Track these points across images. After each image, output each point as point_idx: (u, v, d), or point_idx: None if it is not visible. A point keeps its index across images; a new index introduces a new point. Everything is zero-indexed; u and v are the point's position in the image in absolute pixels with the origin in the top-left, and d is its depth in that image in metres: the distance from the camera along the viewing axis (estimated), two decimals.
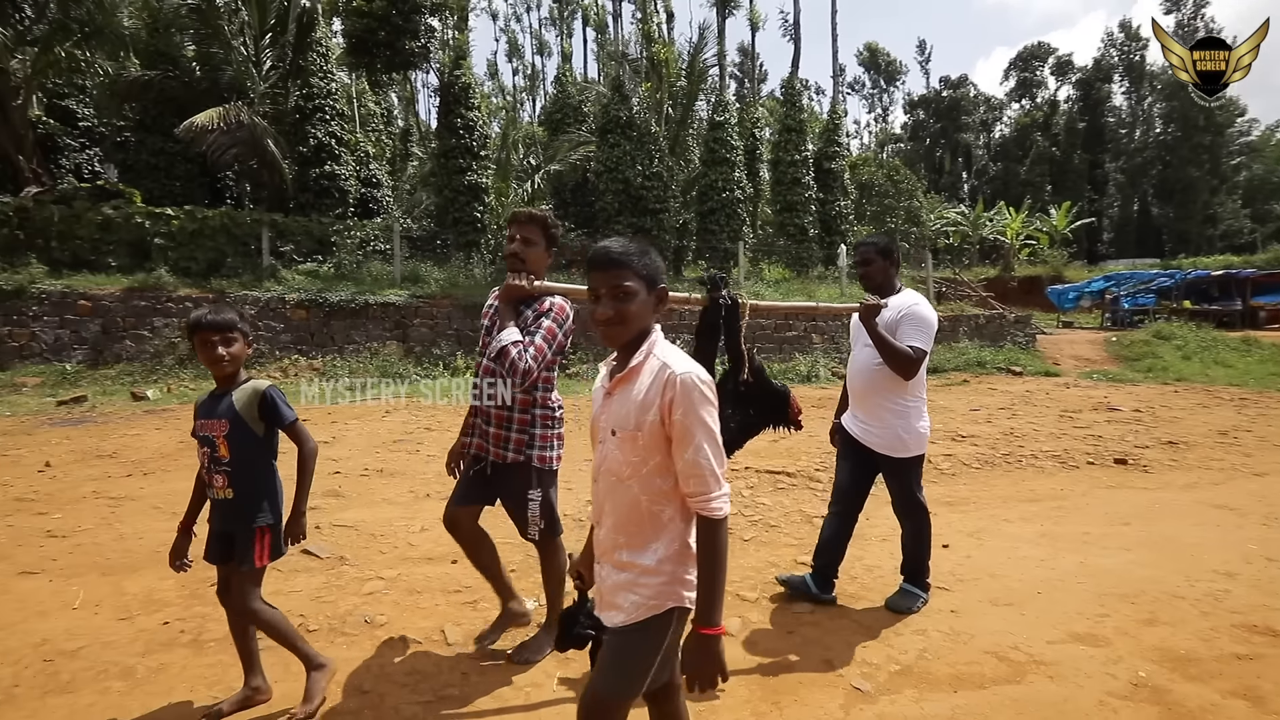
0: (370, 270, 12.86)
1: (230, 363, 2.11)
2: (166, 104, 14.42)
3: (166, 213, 12.21)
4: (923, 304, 2.79)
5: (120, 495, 4.39)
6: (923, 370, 2.79)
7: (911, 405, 2.80)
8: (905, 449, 2.80)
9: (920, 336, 2.69)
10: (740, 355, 2.41)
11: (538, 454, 2.41)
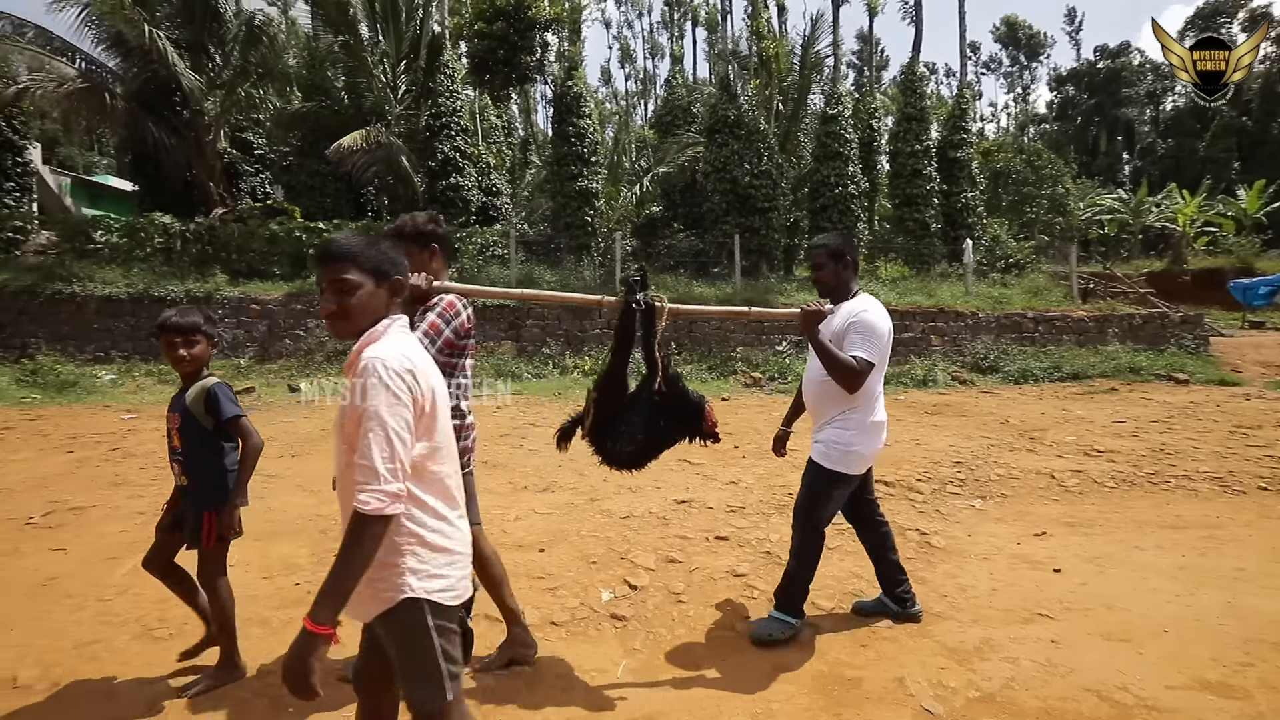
0: (489, 274, 13.75)
1: (190, 362, 2.30)
2: (321, 130, 16.29)
3: (319, 226, 13.80)
4: (873, 310, 2.56)
5: (271, 473, 5.09)
6: (874, 385, 2.56)
7: (858, 419, 2.57)
8: (826, 458, 2.58)
9: (866, 346, 2.45)
10: (654, 362, 2.30)
11: None
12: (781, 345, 11.76)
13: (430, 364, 1.47)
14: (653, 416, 2.34)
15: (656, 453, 2.45)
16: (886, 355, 2.59)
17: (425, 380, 1.41)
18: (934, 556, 3.53)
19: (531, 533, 3.90)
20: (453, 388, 2.29)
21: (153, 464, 5.41)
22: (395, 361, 1.33)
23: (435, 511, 1.42)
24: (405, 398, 1.32)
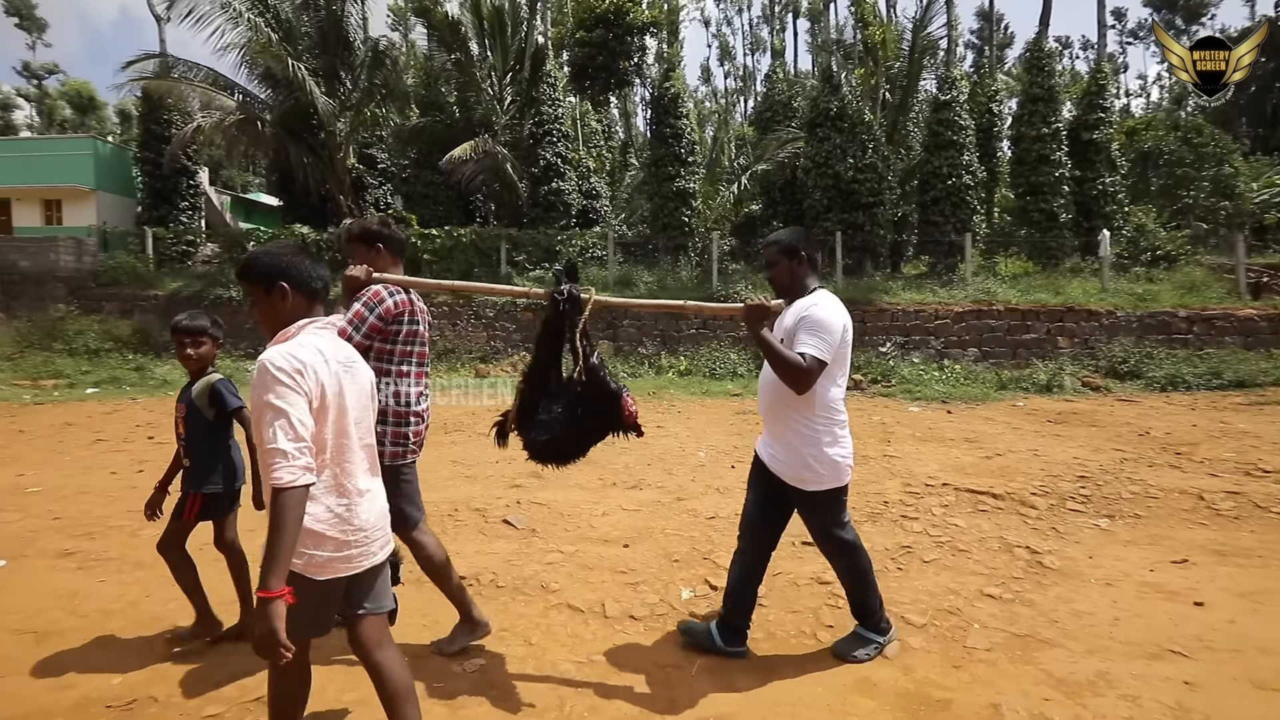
0: (588, 275, 14.13)
1: (196, 360, 2.58)
2: (435, 143, 17.46)
3: (432, 233, 14.82)
4: (824, 304, 2.32)
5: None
6: (830, 388, 2.35)
7: (821, 426, 2.35)
8: (817, 480, 2.36)
9: (814, 342, 2.22)
10: (575, 351, 2.29)
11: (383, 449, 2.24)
12: (886, 346, 11.19)
13: (325, 367, 1.60)
14: (573, 407, 2.34)
15: (580, 445, 2.43)
16: (846, 355, 2.39)
17: (314, 378, 1.56)
18: (1045, 577, 3.23)
19: (617, 528, 3.98)
20: (391, 377, 2.42)
21: None
22: (281, 360, 1.53)
23: (312, 497, 1.56)
24: (298, 390, 1.52)
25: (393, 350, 2.43)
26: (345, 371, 1.69)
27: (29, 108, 41.22)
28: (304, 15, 16.86)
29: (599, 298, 2.38)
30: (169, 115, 18.24)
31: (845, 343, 2.34)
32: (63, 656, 2.54)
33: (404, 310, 2.42)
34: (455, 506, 4.28)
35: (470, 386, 10.45)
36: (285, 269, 1.67)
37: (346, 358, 1.75)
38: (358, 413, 1.73)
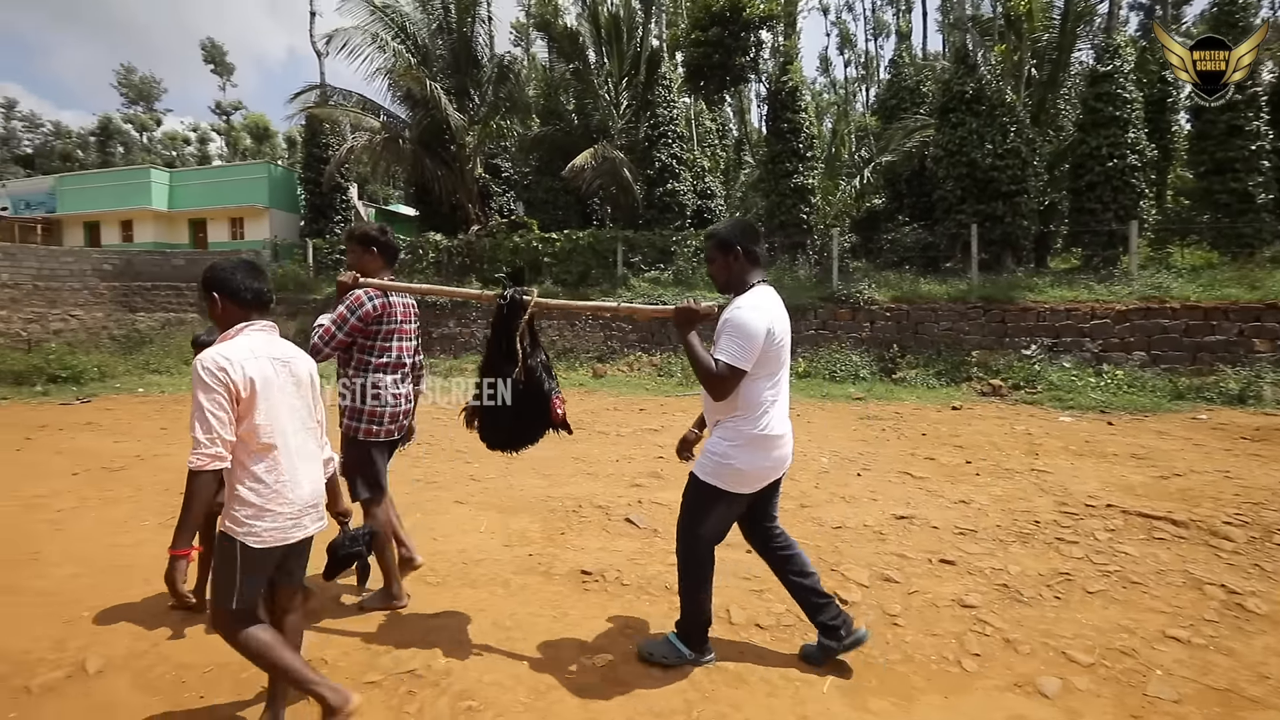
0: (702, 276, 14.09)
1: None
2: (555, 150, 18.21)
3: (552, 237, 15.44)
4: (749, 307, 2.20)
5: (511, 455, 5.82)
6: (757, 393, 2.24)
7: (741, 430, 2.26)
8: (701, 469, 2.34)
9: (730, 348, 2.15)
10: (513, 351, 2.43)
11: (348, 422, 2.81)
12: (1031, 349, 10.17)
13: (254, 362, 1.87)
14: (515, 404, 2.51)
15: (522, 438, 2.64)
16: (775, 359, 2.26)
17: (240, 373, 1.83)
18: (1249, 623, 2.76)
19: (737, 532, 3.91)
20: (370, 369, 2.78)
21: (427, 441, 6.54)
22: (209, 361, 1.81)
23: (253, 475, 1.88)
24: (216, 384, 1.79)
25: (373, 346, 2.80)
26: (280, 365, 1.97)
27: (219, 140, 47.94)
28: (439, 39, 18.21)
29: (539, 300, 2.53)
30: (326, 139, 20.48)
31: (775, 345, 2.23)
32: None
33: (382, 313, 2.76)
34: (579, 503, 4.42)
35: (587, 385, 10.78)
36: (220, 281, 1.97)
37: (283, 354, 2.01)
38: (293, 400, 2.00)
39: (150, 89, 49.68)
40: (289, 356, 2.03)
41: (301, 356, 2.10)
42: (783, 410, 2.35)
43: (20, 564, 3.45)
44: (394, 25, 17.51)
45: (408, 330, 2.90)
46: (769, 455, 2.31)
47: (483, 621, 2.81)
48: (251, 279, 2.00)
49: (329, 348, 2.71)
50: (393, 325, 2.81)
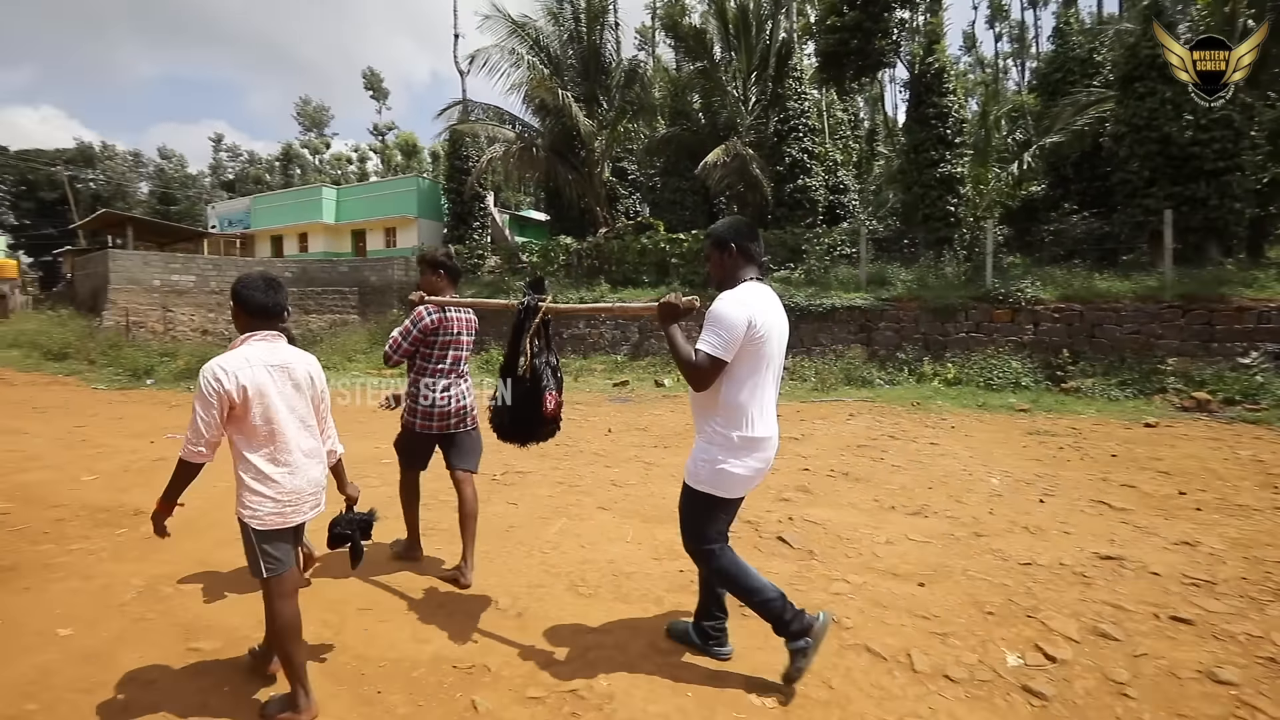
0: (837, 274, 13.38)
1: None
2: (681, 150, 18.15)
3: (679, 237, 15.37)
4: (731, 297, 2.19)
5: (651, 461, 5.75)
6: (735, 393, 2.21)
7: (719, 429, 2.25)
8: (695, 477, 2.32)
9: (709, 337, 2.14)
10: (520, 350, 2.67)
11: (406, 416, 3.31)
12: (1250, 356, 8.55)
13: (248, 370, 2.12)
14: (516, 399, 2.72)
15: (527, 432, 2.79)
16: (761, 355, 2.21)
17: (233, 382, 2.08)
18: None
19: (906, 561, 3.53)
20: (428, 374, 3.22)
21: (566, 441, 6.65)
22: (208, 372, 2.08)
23: (258, 471, 2.16)
24: (210, 394, 2.06)
25: (430, 354, 3.23)
26: (277, 370, 2.20)
27: (375, 158, 53.14)
28: (569, 49, 18.81)
29: (550, 305, 2.74)
30: (466, 151, 21.92)
31: (758, 339, 2.18)
32: (419, 612, 2.99)
33: (439, 326, 3.19)
34: None
35: None
36: (236, 293, 2.24)
37: (282, 360, 2.23)
38: (292, 401, 2.24)
39: (321, 117, 56.15)
40: (287, 362, 2.25)
41: (301, 361, 2.30)
42: (767, 412, 2.29)
43: (225, 544, 3.85)
44: (528, 39, 18.31)
45: (463, 341, 3.31)
46: (756, 457, 2.28)
47: (639, 643, 2.70)
48: (263, 294, 2.24)
49: (397, 355, 3.18)
50: (449, 337, 3.24)
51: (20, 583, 3.37)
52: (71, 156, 46.26)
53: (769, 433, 2.29)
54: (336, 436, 2.48)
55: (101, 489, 5.23)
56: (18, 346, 15.12)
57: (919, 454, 5.91)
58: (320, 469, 2.33)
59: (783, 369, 2.45)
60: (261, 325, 2.24)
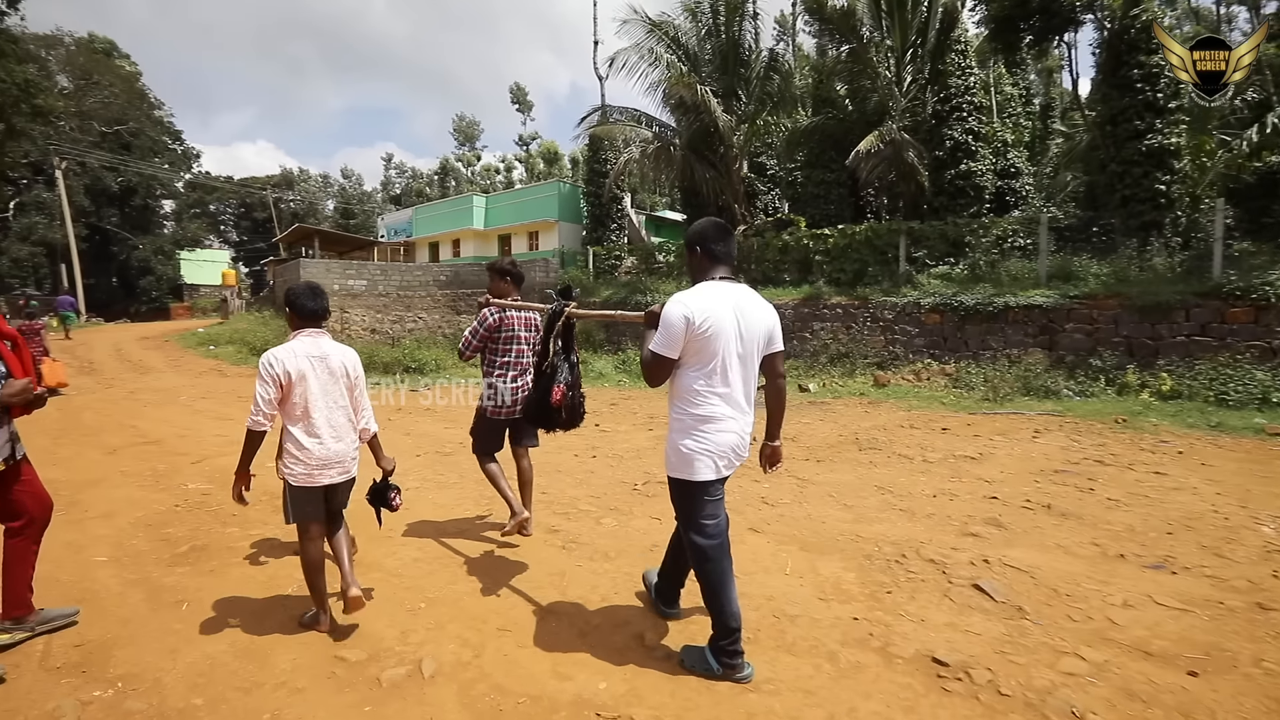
0: (1008, 269, 11.77)
1: None
2: (826, 141, 17.06)
3: (824, 233, 14.38)
4: (673, 301, 2.31)
5: (805, 477, 5.19)
6: (689, 380, 2.37)
7: (678, 416, 2.42)
8: (670, 466, 2.47)
9: (655, 337, 2.35)
10: (546, 351, 3.05)
11: (480, 403, 3.73)
12: None
13: (293, 359, 2.64)
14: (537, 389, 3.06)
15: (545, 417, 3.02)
16: (707, 351, 2.32)
17: (281, 367, 2.61)
18: None
19: (1159, 635, 2.71)
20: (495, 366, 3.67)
21: None
22: (264, 358, 2.62)
23: (295, 440, 2.67)
24: (266, 376, 2.59)
25: (495, 348, 3.69)
26: (317, 361, 2.69)
27: (520, 167, 56.38)
28: (707, 44, 18.41)
29: (573, 310, 3.01)
30: (604, 155, 22.32)
31: (701, 335, 2.29)
32: (560, 640, 2.74)
33: (500, 324, 3.64)
34: (901, 551, 3.59)
35: (869, 395, 9.61)
36: (288, 299, 2.76)
37: (321, 352, 2.72)
38: (327, 386, 2.71)
39: (473, 131, 60.63)
40: (325, 354, 2.75)
41: (338, 353, 2.79)
42: (725, 400, 2.37)
43: (377, 540, 3.90)
44: (666, 38, 18.18)
45: (524, 337, 3.73)
46: (710, 438, 2.37)
47: (817, 715, 2.23)
48: (308, 300, 2.78)
49: (468, 350, 3.69)
50: (511, 333, 3.68)
51: (208, 564, 3.61)
52: (276, 181, 53.91)
53: (724, 415, 2.38)
54: (371, 417, 2.93)
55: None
56: (232, 343, 17.63)
57: (1141, 486, 4.80)
58: (347, 444, 2.78)
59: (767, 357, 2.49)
60: (307, 324, 2.77)
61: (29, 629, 2.74)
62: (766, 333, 2.43)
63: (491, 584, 3.26)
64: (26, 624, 2.75)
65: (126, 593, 3.23)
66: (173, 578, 3.40)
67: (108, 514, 4.53)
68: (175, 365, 14.90)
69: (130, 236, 39.84)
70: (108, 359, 15.76)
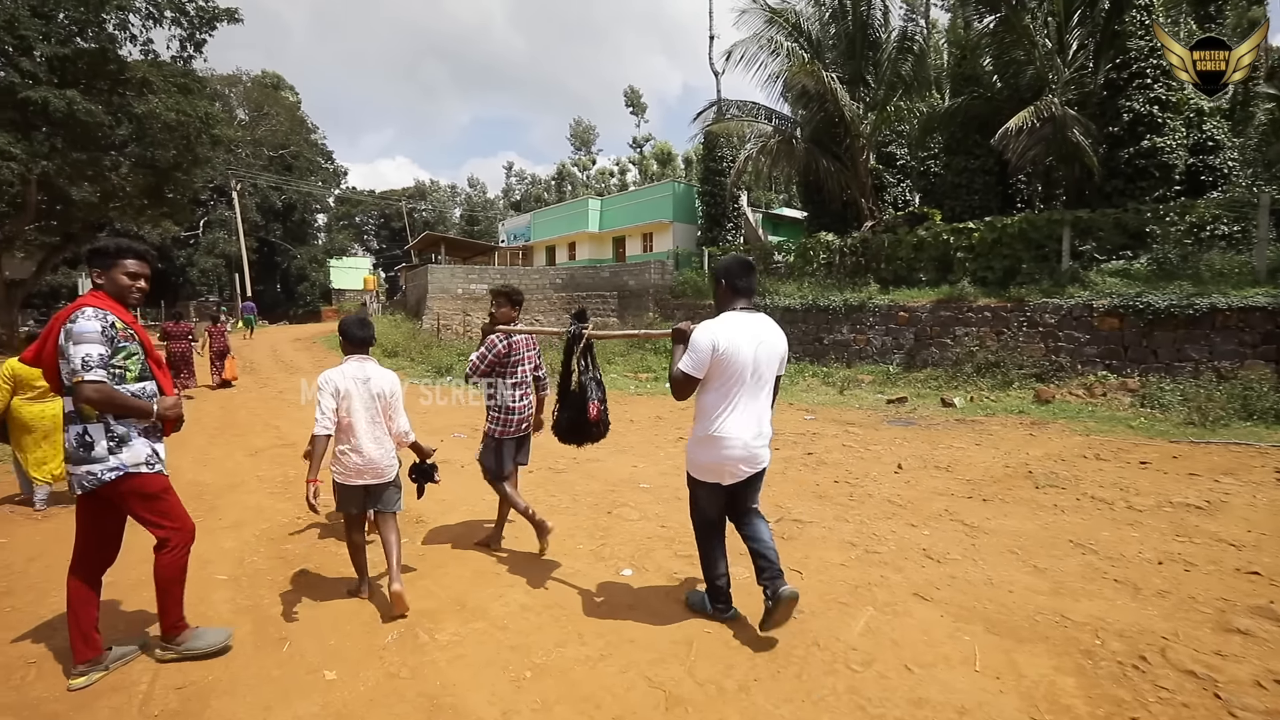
0: (1208, 263, 9.79)
1: None
2: (969, 124, 15.27)
3: (968, 226, 12.81)
4: (702, 328, 2.73)
5: (973, 523, 4.29)
6: (705, 401, 2.76)
7: (698, 434, 2.82)
8: (688, 464, 2.93)
9: (685, 358, 2.70)
10: (569, 369, 3.36)
11: (488, 425, 3.90)
12: None
13: (342, 379, 3.16)
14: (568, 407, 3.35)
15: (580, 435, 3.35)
16: (726, 375, 2.68)
17: (332, 386, 3.13)
18: None
19: None
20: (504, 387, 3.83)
21: (847, 479, 5.49)
22: (320, 377, 3.17)
23: (341, 447, 3.17)
24: (326, 391, 3.11)
25: (503, 372, 3.80)
26: (360, 382, 3.19)
27: (633, 170, 56.86)
28: (830, 28, 17.22)
29: (590, 332, 3.34)
30: (720, 153, 21.63)
31: (723, 359, 2.67)
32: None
33: (507, 349, 3.79)
34: (1137, 650, 2.66)
35: (1030, 413, 8.23)
36: (344, 330, 3.30)
37: (364, 375, 3.21)
38: (368, 403, 3.19)
39: (588, 136, 61.97)
40: (368, 376, 3.20)
41: (379, 376, 3.23)
42: (738, 419, 2.73)
43: (484, 579, 3.58)
44: (787, 25, 17.21)
45: (529, 357, 3.95)
46: (718, 452, 2.77)
47: None
48: (357, 330, 3.28)
49: (475, 375, 3.79)
50: (517, 355, 3.85)
51: (316, 592, 3.46)
52: (410, 193, 58.22)
53: (734, 434, 2.73)
54: (408, 426, 3.34)
55: None
56: None
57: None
58: (384, 451, 3.23)
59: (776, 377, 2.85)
60: (356, 350, 3.27)
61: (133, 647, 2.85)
62: (780, 357, 2.85)
63: (607, 649, 2.80)
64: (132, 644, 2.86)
65: (236, 620, 3.11)
66: (281, 606, 3.26)
67: (237, 524, 4.61)
68: (319, 366, 16.13)
69: (290, 247, 44.62)
70: (265, 359, 17.40)
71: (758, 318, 2.79)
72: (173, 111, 16.20)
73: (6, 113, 14.17)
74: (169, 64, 17.77)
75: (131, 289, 2.59)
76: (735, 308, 2.80)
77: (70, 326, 2.41)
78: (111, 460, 2.50)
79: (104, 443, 2.49)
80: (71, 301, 2.67)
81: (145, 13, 17.27)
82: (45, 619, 3.17)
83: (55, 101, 13.99)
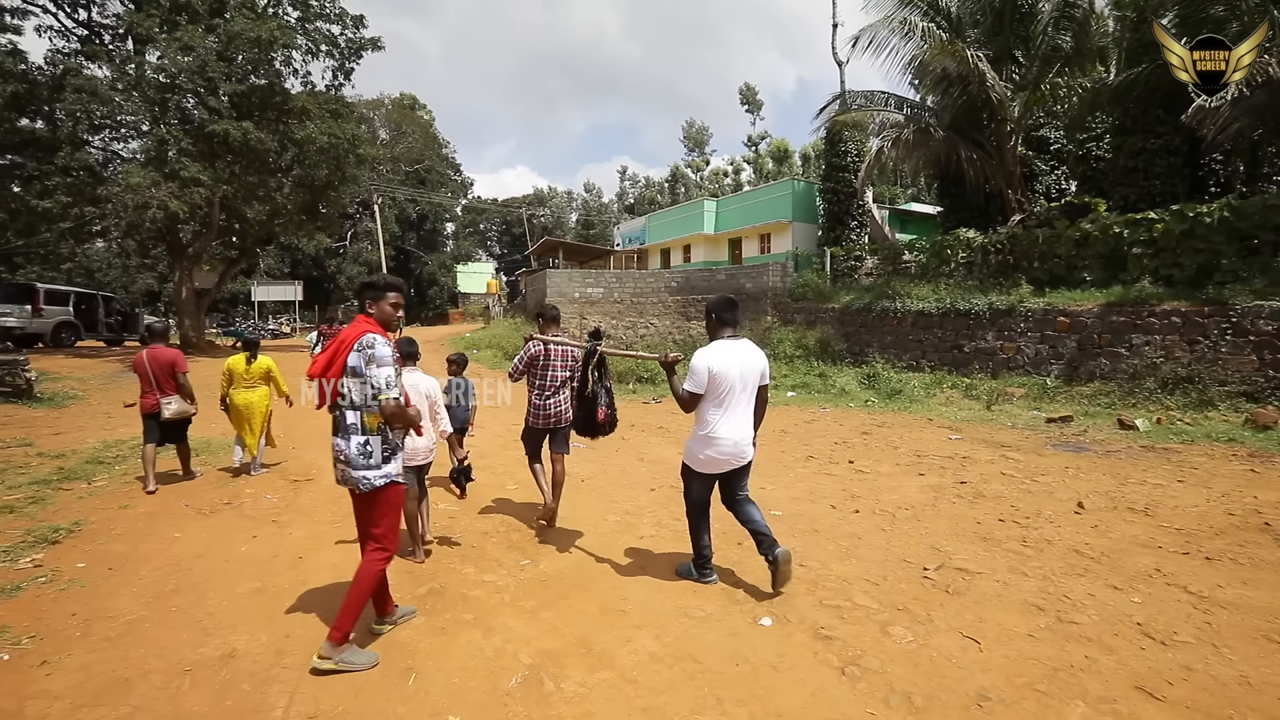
0: None
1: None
2: (1149, 98, 13.22)
3: (1148, 217, 11.03)
4: (698, 355, 3.42)
5: (1200, 591, 3.44)
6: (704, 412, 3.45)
7: (697, 433, 3.51)
8: (685, 456, 3.64)
9: (689, 380, 3.42)
10: (585, 378, 4.20)
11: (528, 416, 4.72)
12: None
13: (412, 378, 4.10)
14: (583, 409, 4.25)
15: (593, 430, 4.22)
16: (719, 389, 3.40)
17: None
18: None
19: None
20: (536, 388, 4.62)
21: (1014, 516, 4.73)
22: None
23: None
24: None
25: (535, 373, 4.61)
26: (411, 388, 3.91)
27: (748, 169, 55.72)
28: (972, 2, 15.65)
29: (602, 349, 4.16)
30: (844, 147, 20.42)
31: (716, 377, 3.39)
32: None
33: (539, 355, 4.57)
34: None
35: (1244, 441, 6.79)
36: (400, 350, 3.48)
37: (413, 382, 4.07)
38: (416, 402, 3.93)
39: (701, 137, 61.58)
40: (416, 383, 4.11)
41: (424, 381, 4.17)
42: (729, 423, 3.43)
43: (611, 617, 3.34)
44: (923, 4, 15.85)
45: (558, 365, 4.58)
46: (707, 450, 3.47)
47: None
48: (406, 347, 4.20)
49: (514, 376, 4.64)
50: (549, 362, 4.56)
51: (441, 617, 3.38)
52: (530, 200, 60.85)
53: (724, 435, 3.43)
54: (448, 423, 4.27)
55: (519, 500, 5.58)
56: (490, 348, 19.74)
57: None
58: (428, 440, 4.09)
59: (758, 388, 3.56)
60: (407, 363, 4.06)
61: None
62: (760, 371, 3.53)
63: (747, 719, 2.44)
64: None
65: (365, 643, 3.08)
66: (408, 631, 3.20)
67: None
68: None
69: (423, 254, 48.17)
70: None
71: (741, 343, 3.54)
72: (325, 135, 17.82)
73: (198, 145, 16.25)
74: (323, 93, 19.61)
75: (394, 316, 3.07)
76: (723, 336, 3.56)
77: (373, 352, 2.85)
78: (384, 469, 2.94)
79: (379, 453, 2.94)
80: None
81: (305, 49, 19.16)
82: (200, 622, 3.32)
83: (234, 133, 15.82)
